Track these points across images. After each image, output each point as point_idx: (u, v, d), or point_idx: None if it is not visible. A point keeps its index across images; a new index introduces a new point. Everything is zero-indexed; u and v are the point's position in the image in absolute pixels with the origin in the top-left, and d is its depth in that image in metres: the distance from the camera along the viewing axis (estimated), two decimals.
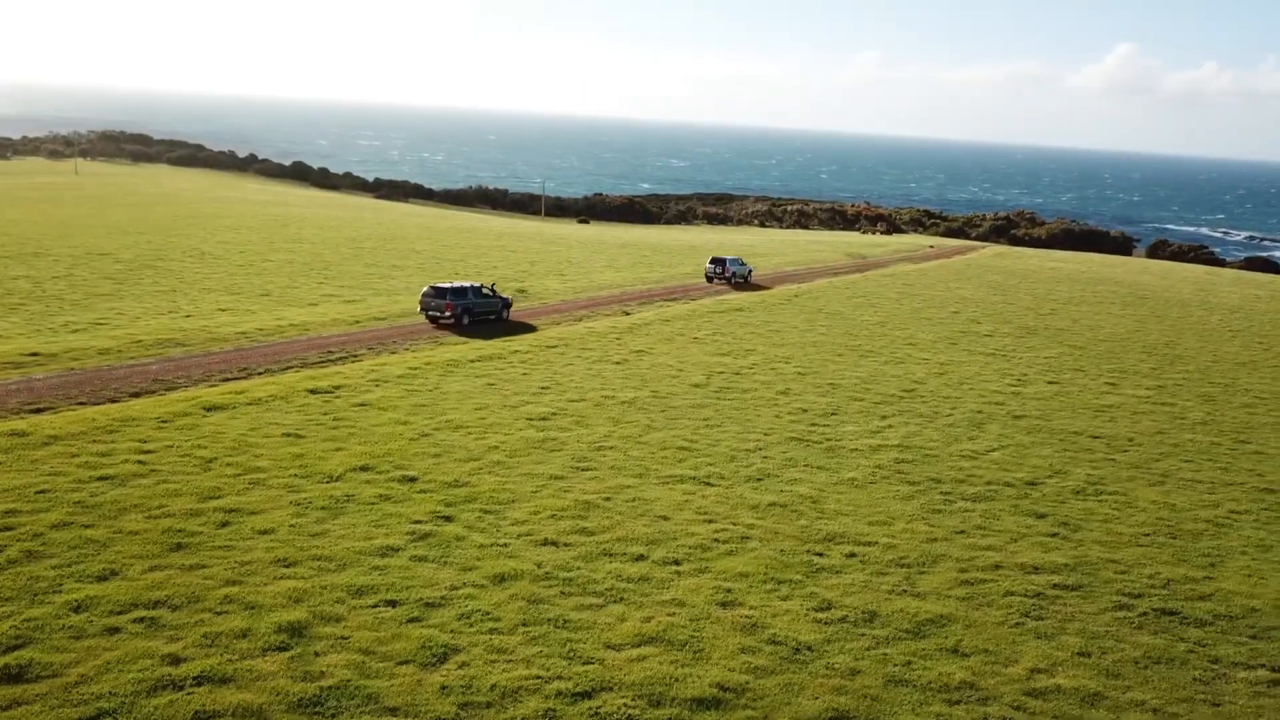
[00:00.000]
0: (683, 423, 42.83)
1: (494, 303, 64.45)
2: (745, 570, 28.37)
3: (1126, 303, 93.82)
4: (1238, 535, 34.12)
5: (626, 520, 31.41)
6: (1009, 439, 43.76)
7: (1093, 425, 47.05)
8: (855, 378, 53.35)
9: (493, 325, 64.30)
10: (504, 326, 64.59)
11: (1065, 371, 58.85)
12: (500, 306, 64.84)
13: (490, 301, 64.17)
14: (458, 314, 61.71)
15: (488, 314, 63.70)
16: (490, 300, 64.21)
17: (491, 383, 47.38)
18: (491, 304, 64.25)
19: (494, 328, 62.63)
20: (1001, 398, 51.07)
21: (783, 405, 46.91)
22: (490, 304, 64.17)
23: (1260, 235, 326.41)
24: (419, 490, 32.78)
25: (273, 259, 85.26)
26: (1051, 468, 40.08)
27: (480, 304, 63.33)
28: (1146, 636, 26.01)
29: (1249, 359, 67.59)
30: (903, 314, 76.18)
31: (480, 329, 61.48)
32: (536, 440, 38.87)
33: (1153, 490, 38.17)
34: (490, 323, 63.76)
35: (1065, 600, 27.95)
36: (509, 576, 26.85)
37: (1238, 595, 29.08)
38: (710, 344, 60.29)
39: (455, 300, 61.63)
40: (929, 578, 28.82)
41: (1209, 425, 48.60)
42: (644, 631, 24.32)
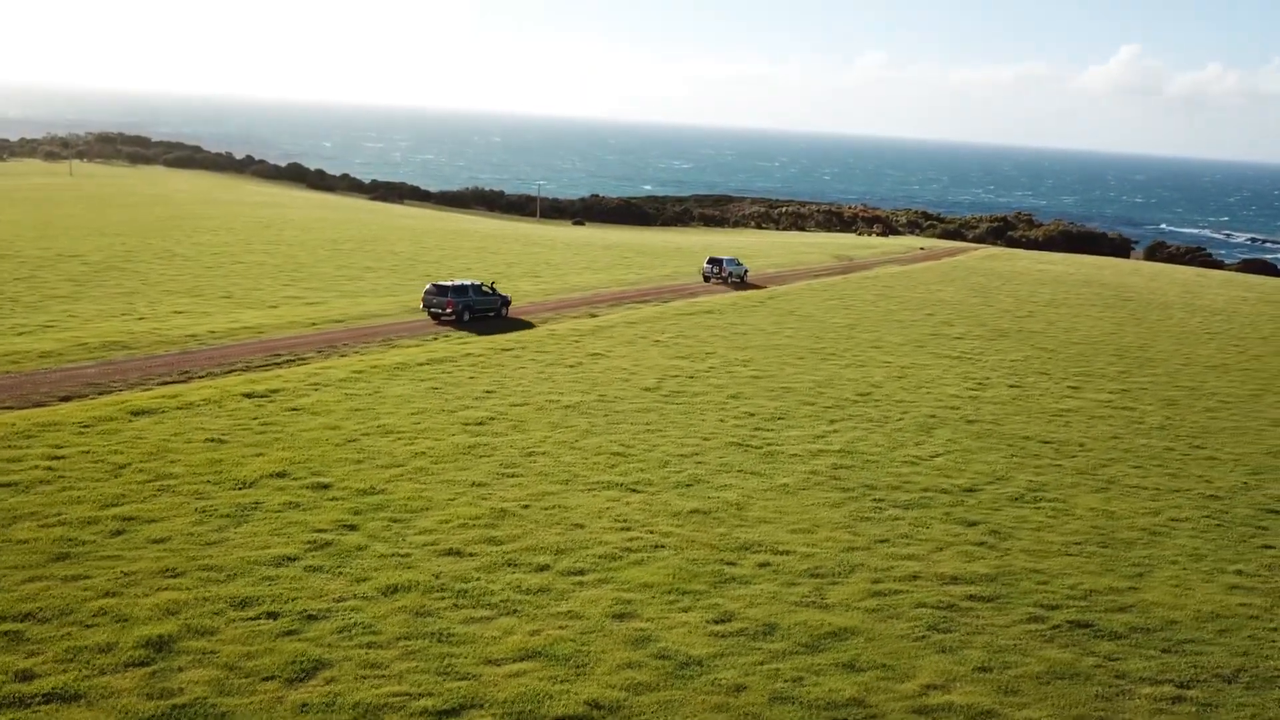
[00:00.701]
0: (624, 427, 41.97)
1: (493, 300, 66.48)
2: (650, 580, 27.53)
3: (1107, 305, 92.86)
4: (1172, 544, 33.22)
5: (539, 529, 30.57)
6: (956, 444, 42.88)
7: (1046, 430, 46.13)
8: (811, 381, 52.46)
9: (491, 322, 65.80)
10: (500, 323, 65.45)
11: (1029, 375, 57.93)
12: (499, 304, 66.83)
13: (490, 299, 66.20)
14: (459, 310, 63.42)
15: (487, 311, 65.67)
16: (490, 298, 66.23)
17: (436, 387, 46.55)
18: (491, 301, 66.30)
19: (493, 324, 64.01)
20: (958, 402, 50.17)
21: (730, 409, 46.04)
22: (490, 301, 66.18)
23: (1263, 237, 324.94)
24: (330, 498, 31.98)
25: (244, 260, 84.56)
26: (994, 474, 39.20)
27: (480, 301, 65.31)
28: (1054, 650, 25.11)
29: (1221, 362, 66.65)
30: (875, 316, 75.32)
31: (476, 325, 60.69)
32: (466, 446, 38.04)
33: (1094, 497, 37.28)
34: (489, 319, 65.86)
35: (978, 612, 27.08)
36: (401, 588, 26.03)
37: (1159, 607, 28.22)
38: (671, 347, 59.44)
39: (456, 298, 63.50)
40: (840, 588, 27.96)
41: (1166, 430, 47.68)
42: (528, 646, 23.51)
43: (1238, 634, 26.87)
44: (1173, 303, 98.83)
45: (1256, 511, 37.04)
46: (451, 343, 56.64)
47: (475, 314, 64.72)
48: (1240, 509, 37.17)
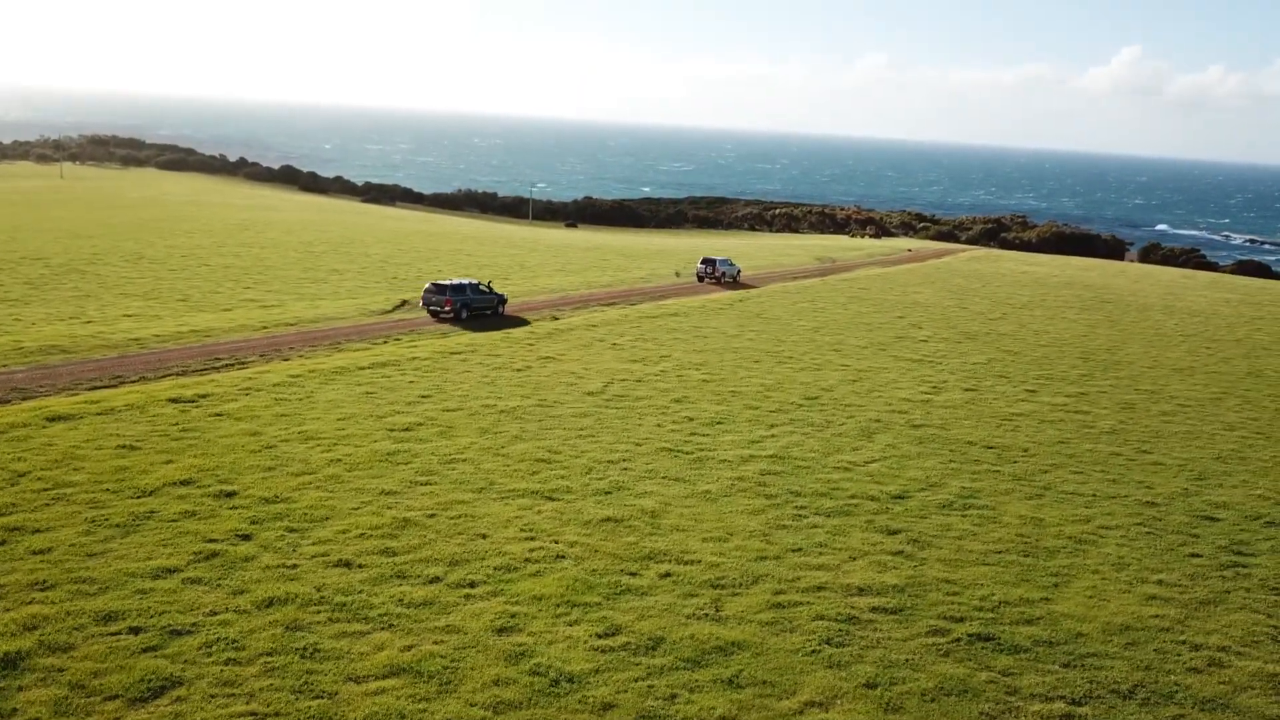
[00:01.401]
0: (556, 433, 41.14)
1: (490, 299, 68.57)
2: (543, 593, 26.66)
3: (1085, 307, 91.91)
4: (1097, 553, 32.34)
5: (440, 539, 29.75)
6: (895, 449, 41.99)
7: (992, 434, 45.25)
8: (760, 385, 51.61)
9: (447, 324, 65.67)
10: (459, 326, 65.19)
11: (988, 378, 57.02)
12: (496, 302, 68.95)
13: (487, 297, 68.23)
14: (457, 309, 65.53)
15: (484, 309, 67.67)
16: (487, 296, 68.21)
17: (370, 391, 45.72)
18: (488, 300, 68.39)
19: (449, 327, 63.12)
20: (908, 406, 49.30)
21: (671, 414, 45.22)
22: (487, 300, 68.25)
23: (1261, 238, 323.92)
24: (232, 506, 31.14)
25: (211, 263, 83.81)
26: (928, 480, 38.32)
27: (478, 300, 67.36)
28: (949, 665, 24.22)
29: (1188, 365, 65.71)
30: (843, 319, 74.45)
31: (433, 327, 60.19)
32: (386, 453, 37.21)
33: (1026, 504, 36.39)
34: (486, 317, 67.94)
35: (878, 625, 26.20)
36: (279, 601, 25.19)
37: (1069, 619, 27.31)
38: (628, 350, 58.60)
39: (454, 296, 65.57)
40: (740, 600, 27.09)
41: (1116, 434, 46.78)
42: (397, 661, 22.65)
43: (1145, 647, 25.99)
44: (1152, 305, 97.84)
45: (1191, 519, 36.08)
46: (400, 346, 55.82)
47: (473, 312, 66.49)
48: (1175, 516, 36.23)
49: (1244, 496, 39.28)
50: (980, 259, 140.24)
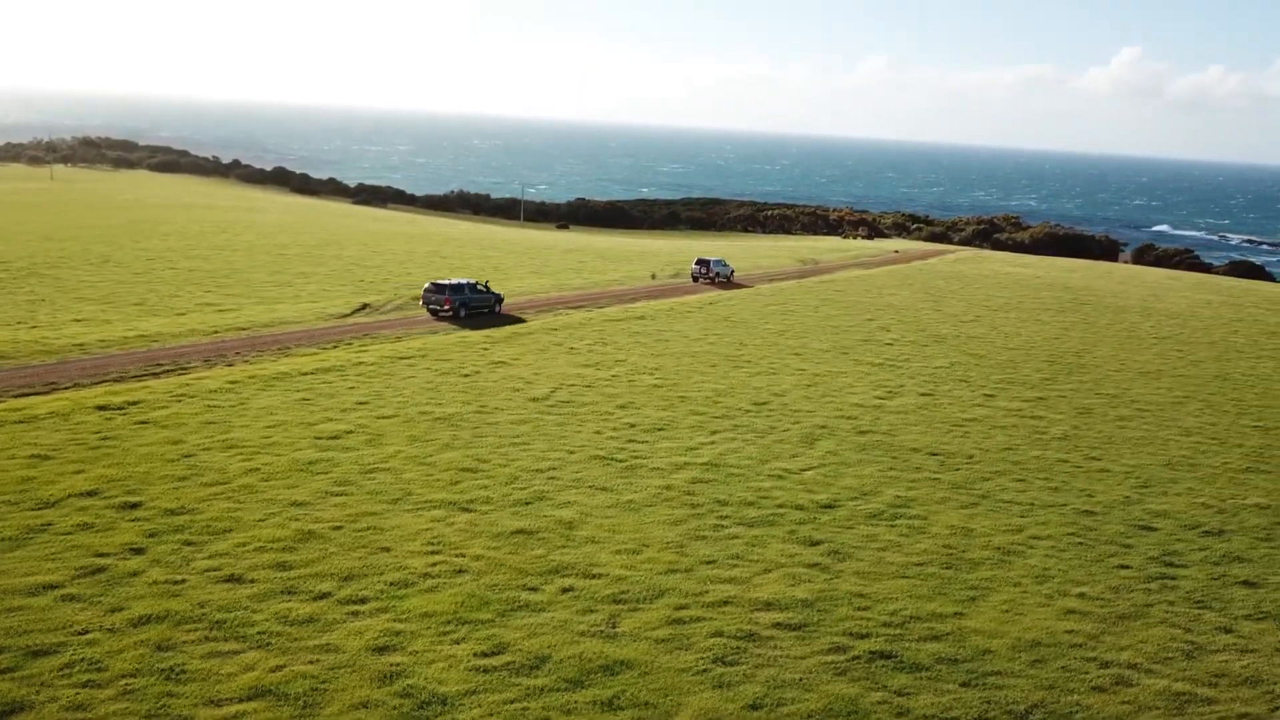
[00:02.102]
0: (489, 440, 40.30)
1: (488, 298, 70.24)
2: (434, 609, 25.79)
3: (1061, 309, 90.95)
4: (1023, 564, 31.42)
5: (340, 553, 28.88)
6: (835, 456, 41.12)
7: (939, 441, 44.36)
8: (711, 390, 50.71)
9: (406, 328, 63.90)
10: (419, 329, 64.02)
11: (947, 382, 56.09)
12: (493, 301, 70.73)
13: (484, 297, 69.95)
14: (455, 308, 67.33)
15: (482, 308, 69.48)
16: (485, 295, 69.96)
17: (307, 398, 44.88)
18: (486, 299, 70.03)
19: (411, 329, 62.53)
20: (858, 411, 48.39)
21: (613, 420, 44.37)
22: (485, 299, 69.96)
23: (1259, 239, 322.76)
24: (133, 519, 30.32)
25: (178, 266, 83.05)
26: (861, 488, 37.42)
27: (475, 299, 69.10)
28: (842, 685, 23.32)
29: (1156, 368, 64.76)
30: (811, 322, 73.56)
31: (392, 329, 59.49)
32: (307, 462, 36.39)
33: (959, 513, 35.49)
34: (484, 315, 69.66)
35: (778, 642, 25.30)
36: (154, 619, 24.37)
37: (979, 634, 26.39)
38: (583, 354, 57.76)
39: (453, 295, 67.40)
40: (639, 615, 26.22)
41: (1067, 440, 45.88)
42: (262, 683, 21.79)
43: (1052, 664, 25.07)
44: (1131, 306, 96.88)
45: (1128, 528, 35.17)
46: (349, 351, 55.07)
47: (472, 310, 68.44)
48: (1112, 525, 35.32)
49: (1186, 505, 38.33)
50: (966, 260, 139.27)
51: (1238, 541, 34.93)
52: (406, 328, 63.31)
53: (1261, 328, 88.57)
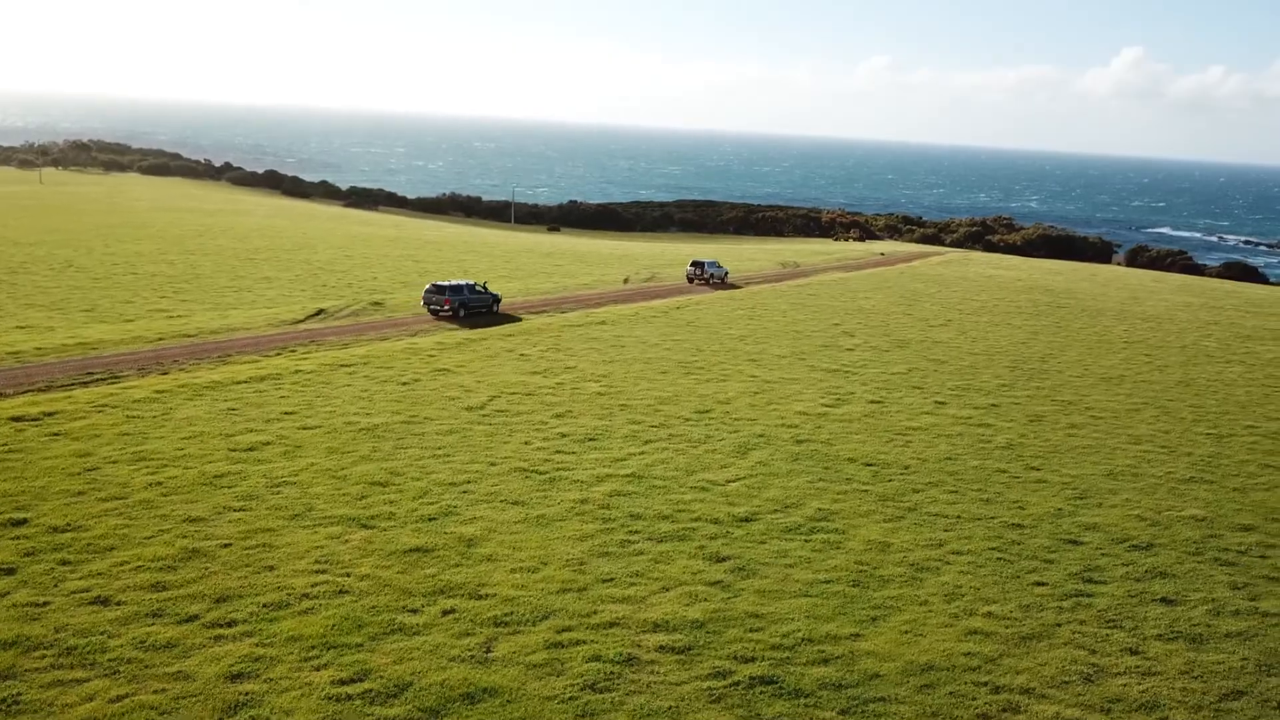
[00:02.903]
0: (410, 452, 39.29)
1: (486, 298, 72.35)
2: (303, 633, 24.77)
3: (1036, 313, 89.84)
4: (935, 581, 30.39)
5: (222, 572, 27.88)
6: (766, 467, 40.08)
7: (878, 450, 43.28)
8: (655, 398, 49.67)
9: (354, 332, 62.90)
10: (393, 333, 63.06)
11: (900, 389, 55.01)
12: (491, 301, 72.78)
13: (483, 297, 72.09)
14: (455, 307, 69.45)
15: (480, 308, 71.48)
16: (483, 296, 72.10)
17: (235, 408, 43.90)
18: (484, 299, 72.14)
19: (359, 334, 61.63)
20: (801, 420, 47.36)
21: (547, 430, 43.37)
22: (483, 299, 72.05)
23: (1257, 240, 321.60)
24: (14, 536, 29.49)
25: (140, 271, 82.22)
26: (785, 501, 36.37)
27: (474, 299, 71.20)
28: (715, 713, 22.32)
29: (1119, 374, 63.67)
30: (775, 327, 72.52)
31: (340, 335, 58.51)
32: (215, 475, 35.45)
33: (881, 527, 34.43)
34: (482, 315, 71.66)
35: (658, 666, 24.25)
36: (4, 645, 23.22)
37: (872, 657, 25.34)
38: (533, 361, 56.77)
39: (452, 296, 69.59)
40: (518, 639, 25.19)
41: (1011, 449, 44.81)
42: (100, 714, 21.14)
43: (941, 689, 24.05)
44: (1108, 309, 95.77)
45: (1054, 542, 34.12)
46: (291, 358, 54.21)
47: (470, 310, 70.43)
48: (1038, 539, 34.27)
49: (1120, 517, 37.28)
50: (951, 263, 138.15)
51: (1165, 556, 33.82)
52: (356, 334, 62.28)
53: (1236, 331, 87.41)
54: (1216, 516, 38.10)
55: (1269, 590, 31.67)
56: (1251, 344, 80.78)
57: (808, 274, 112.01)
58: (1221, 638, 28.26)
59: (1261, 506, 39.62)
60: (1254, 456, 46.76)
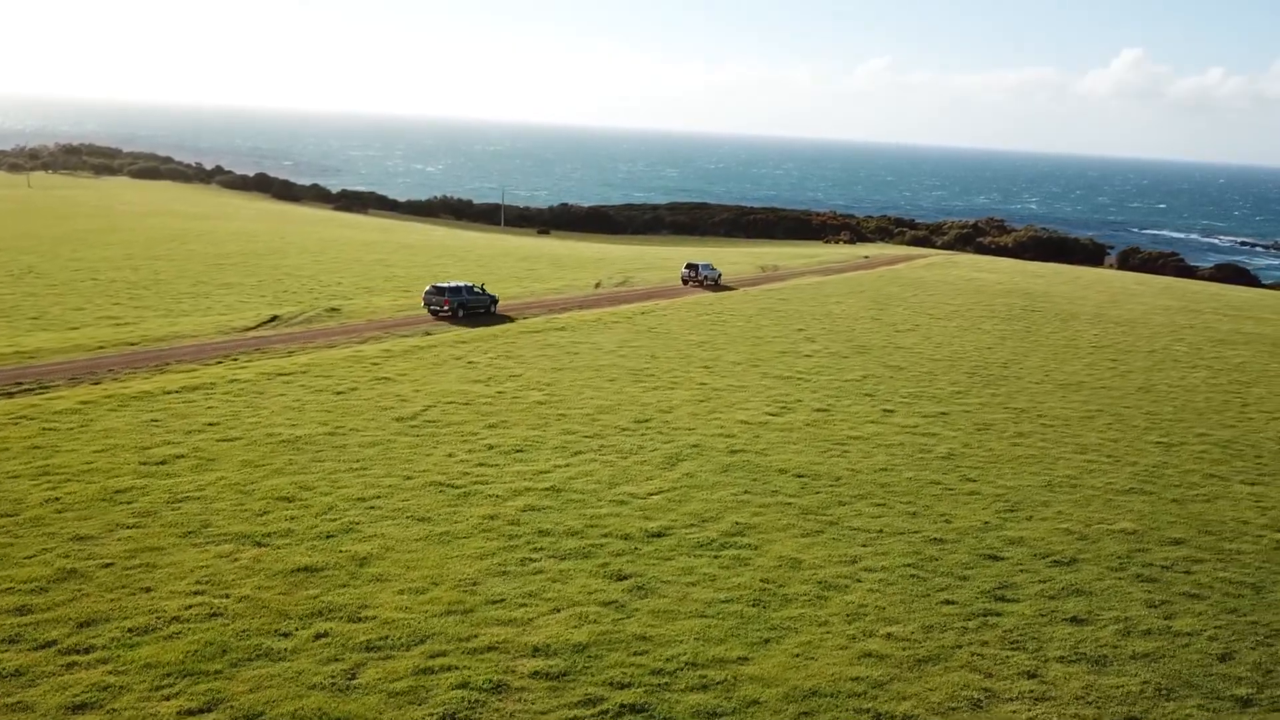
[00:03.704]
0: (325, 465, 38.36)
1: (483, 299, 75.03)
2: (161, 659, 23.96)
3: (1009, 317, 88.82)
4: (840, 600, 29.38)
5: (95, 595, 27.16)
6: (692, 479, 39.13)
7: (812, 461, 42.29)
8: (596, 407, 48.71)
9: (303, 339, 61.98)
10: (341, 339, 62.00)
11: (850, 397, 53.99)
12: (489, 302, 75.60)
13: (480, 298, 74.97)
14: (454, 308, 72.37)
15: (478, 308, 74.58)
16: (480, 297, 74.96)
17: (157, 419, 43.02)
18: (481, 300, 74.93)
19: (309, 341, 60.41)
20: (740, 429, 46.37)
21: (473, 441, 42.40)
22: (480, 300, 74.91)
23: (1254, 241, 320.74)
24: None
25: (100, 278, 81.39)
26: (704, 514, 35.45)
27: (472, 300, 74.15)
28: None
29: (1080, 380, 62.63)
30: (736, 333, 71.55)
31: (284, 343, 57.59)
32: (116, 490, 34.63)
33: (797, 542, 33.45)
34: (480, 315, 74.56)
35: (526, 694, 23.29)
36: None
37: (755, 683, 24.41)
38: (480, 369, 55.88)
39: (451, 297, 72.55)
40: (387, 664, 24.20)
41: (950, 460, 43.80)
42: None
43: (820, 717, 23.08)
44: (1083, 313, 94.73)
45: (973, 558, 33.10)
46: (230, 367, 53.49)
47: (469, 311, 73.39)
48: (957, 555, 33.26)
49: (1047, 531, 36.23)
50: (935, 266, 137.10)
51: (1086, 572, 32.80)
52: (305, 341, 61.39)
53: (1210, 335, 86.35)
54: (1148, 530, 37.02)
55: (1186, 608, 30.56)
56: (1222, 348, 79.71)
57: (785, 278, 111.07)
58: (1126, 659, 27.13)
59: (1197, 519, 38.49)
60: (1200, 466, 45.62)
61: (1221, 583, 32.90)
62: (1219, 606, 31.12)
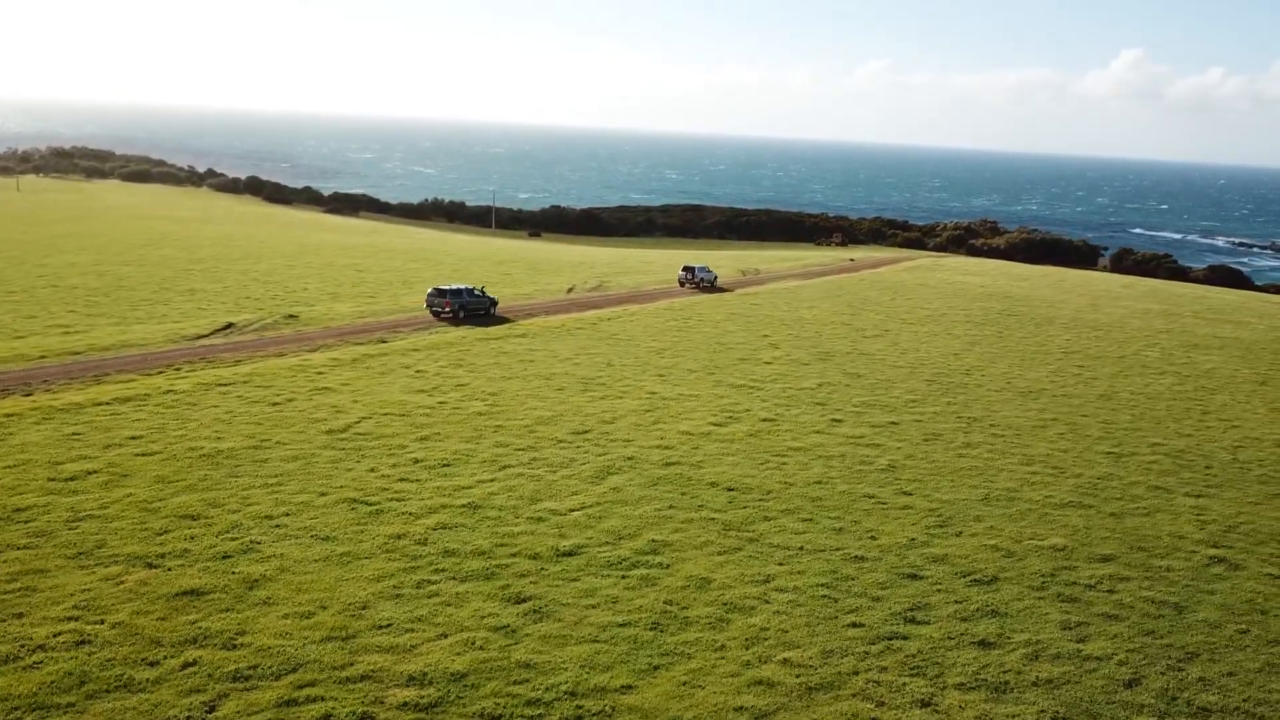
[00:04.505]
0: (241, 481, 37.49)
1: (483, 301, 77.13)
2: (15, 692, 23.63)
3: (984, 321, 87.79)
4: (742, 623, 28.47)
5: None
6: (618, 494, 38.25)
7: (746, 474, 41.35)
8: (537, 417, 47.72)
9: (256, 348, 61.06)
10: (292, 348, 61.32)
11: (801, 405, 52.98)
12: (489, 304, 77.64)
13: (481, 300, 77.03)
14: (455, 309, 74.47)
15: (478, 310, 76.54)
16: (481, 299, 77.02)
17: (79, 432, 42.17)
18: (481, 302, 76.96)
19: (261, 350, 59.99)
20: (681, 440, 45.42)
21: (401, 455, 41.48)
22: (481, 302, 76.97)
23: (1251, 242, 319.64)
24: None
25: (63, 284, 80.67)
26: (621, 531, 34.59)
27: (472, 302, 76.17)
28: None
29: (1042, 387, 61.60)
30: (699, 339, 70.58)
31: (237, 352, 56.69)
32: (16, 509, 34.46)
33: (712, 560, 32.55)
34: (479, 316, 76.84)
35: None
36: None
37: (633, 714, 23.55)
38: (427, 378, 55.02)
39: (453, 299, 74.69)
40: (252, 695, 23.28)
41: (889, 472, 42.77)
42: None
43: None
44: (1060, 317, 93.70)
45: (891, 576, 32.09)
46: (170, 377, 52.65)
47: (469, 313, 75.47)
48: (875, 574, 32.25)
49: (974, 547, 35.21)
50: (920, 269, 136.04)
51: (1005, 591, 31.74)
52: (254, 350, 60.50)
53: (1185, 339, 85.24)
54: (1078, 546, 35.98)
55: (1101, 630, 29.51)
56: (1195, 353, 78.62)
57: (764, 281, 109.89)
58: (1028, 686, 26.10)
59: (1132, 534, 37.46)
60: (1146, 478, 44.58)
61: (1144, 602, 31.81)
62: (1136, 628, 29.99)
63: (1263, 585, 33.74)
